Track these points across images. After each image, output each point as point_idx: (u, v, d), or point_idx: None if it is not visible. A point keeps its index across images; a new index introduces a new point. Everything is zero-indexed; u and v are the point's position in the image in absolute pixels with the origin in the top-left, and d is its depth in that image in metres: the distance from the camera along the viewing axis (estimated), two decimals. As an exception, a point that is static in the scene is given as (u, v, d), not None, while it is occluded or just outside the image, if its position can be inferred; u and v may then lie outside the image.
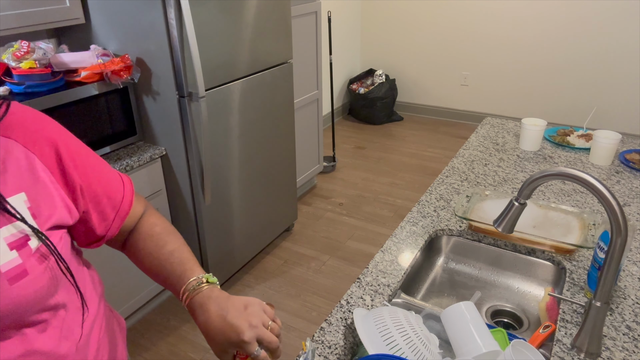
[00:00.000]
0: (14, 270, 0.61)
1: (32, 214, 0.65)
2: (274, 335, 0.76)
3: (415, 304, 1.16)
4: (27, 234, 0.63)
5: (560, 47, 4.19)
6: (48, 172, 0.68)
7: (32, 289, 0.63)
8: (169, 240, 0.84)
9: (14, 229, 0.62)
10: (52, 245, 0.66)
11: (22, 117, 0.68)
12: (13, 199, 0.63)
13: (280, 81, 2.58)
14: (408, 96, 5.10)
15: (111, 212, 0.79)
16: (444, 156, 4.14)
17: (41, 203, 0.66)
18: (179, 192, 2.24)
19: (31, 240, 0.64)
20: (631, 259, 1.26)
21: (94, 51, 2.00)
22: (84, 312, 0.75)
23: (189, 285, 0.78)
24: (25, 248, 0.63)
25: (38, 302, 0.65)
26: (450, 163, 1.86)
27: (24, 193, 0.64)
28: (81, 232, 0.78)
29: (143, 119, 2.18)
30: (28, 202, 0.65)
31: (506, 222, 1.02)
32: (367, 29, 5.05)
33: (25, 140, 0.66)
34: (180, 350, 2.19)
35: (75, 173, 0.71)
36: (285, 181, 2.82)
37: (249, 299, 0.78)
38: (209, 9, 2.01)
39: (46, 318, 0.68)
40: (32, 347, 0.66)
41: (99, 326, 0.80)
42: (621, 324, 1.05)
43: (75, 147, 0.74)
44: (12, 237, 0.62)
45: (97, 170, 0.78)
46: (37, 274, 0.63)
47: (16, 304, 0.62)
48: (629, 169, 1.77)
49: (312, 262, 2.78)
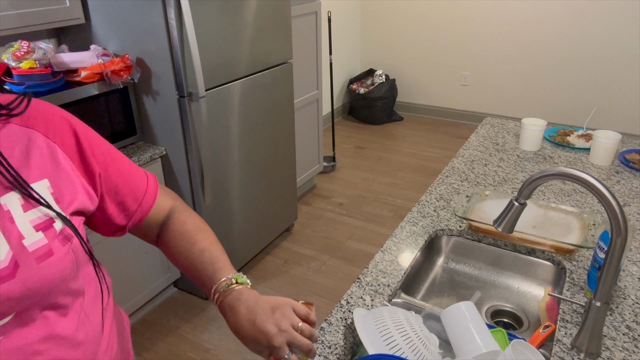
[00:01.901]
0: (41, 250, 0.64)
1: (55, 199, 0.68)
2: (304, 338, 0.75)
3: (415, 304, 1.16)
4: (51, 217, 0.67)
5: (560, 47, 4.19)
6: (69, 159, 0.71)
7: (57, 269, 0.66)
8: (199, 239, 0.85)
9: (40, 213, 0.66)
10: (74, 227, 0.69)
11: (43, 110, 0.71)
12: (37, 185, 0.66)
13: (280, 81, 2.58)
14: (408, 96, 5.10)
15: (133, 204, 0.81)
16: (444, 156, 4.14)
17: (63, 189, 0.69)
18: (179, 192, 2.24)
19: (55, 222, 0.67)
20: (631, 259, 1.26)
21: (94, 51, 2.00)
22: (103, 299, 0.78)
23: (219, 287, 0.79)
24: (50, 229, 0.66)
25: (62, 283, 0.67)
26: (450, 163, 1.86)
27: (47, 179, 0.68)
28: (100, 221, 0.80)
29: (143, 119, 2.18)
30: (51, 188, 0.68)
31: (506, 222, 1.02)
32: (367, 29, 5.05)
33: (46, 130, 0.70)
34: (180, 350, 2.19)
35: (94, 161, 0.74)
36: (285, 181, 2.82)
37: (279, 299, 0.78)
38: (209, 9, 2.01)
39: (67, 303, 0.70)
40: (54, 331, 0.67)
41: (110, 317, 0.82)
42: (621, 324, 1.05)
43: (94, 138, 0.77)
44: (38, 220, 0.65)
45: (117, 162, 0.80)
46: (61, 255, 0.66)
47: (42, 283, 0.64)
48: (629, 169, 1.77)
49: (312, 262, 2.78)
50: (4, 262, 0.62)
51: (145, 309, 2.40)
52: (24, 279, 0.62)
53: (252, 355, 2.15)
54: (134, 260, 2.16)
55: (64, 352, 0.69)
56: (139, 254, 2.19)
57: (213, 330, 2.29)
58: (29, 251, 0.63)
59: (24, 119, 0.68)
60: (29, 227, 0.64)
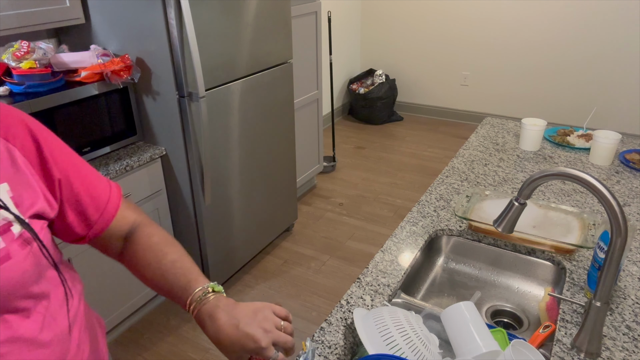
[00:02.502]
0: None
1: (14, 203, 0.67)
2: (288, 336, 0.77)
3: (415, 304, 1.16)
4: (9, 220, 0.66)
5: (560, 47, 4.19)
6: (28, 164, 0.70)
7: (15, 272, 0.65)
8: (169, 251, 0.84)
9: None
10: (33, 231, 0.68)
11: (5, 113, 0.70)
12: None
13: (280, 81, 2.58)
14: (408, 96, 5.10)
15: (94, 213, 0.80)
16: (444, 156, 4.14)
17: (23, 193, 0.68)
18: (179, 192, 2.24)
19: (13, 226, 0.66)
20: (631, 259, 1.26)
21: (94, 51, 2.00)
22: (68, 301, 0.77)
23: (195, 296, 0.78)
24: (7, 233, 0.65)
25: (22, 287, 0.67)
26: (450, 163, 1.86)
27: (6, 183, 0.67)
28: (60, 228, 0.79)
29: (143, 119, 2.17)
30: (11, 191, 0.67)
31: (506, 222, 1.02)
32: (367, 29, 5.05)
33: (5, 134, 0.68)
34: (180, 350, 2.19)
35: (55, 167, 0.74)
36: (285, 181, 2.82)
37: (257, 304, 0.79)
38: (209, 9, 2.01)
39: (29, 306, 0.69)
40: (16, 333, 0.67)
41: (80, 322, 0.81)
42: (621, 324, 1.05)
43: (56, 145, 0.76)
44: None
45: (80, 170, 0.79)
46: (20, 259, 0.66)
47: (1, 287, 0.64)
48: (629, 169, 1.77)
49: (312, 262, 2.78)
50: None
51: (145, 309, 2.40)
52: None
53: (252, 355, 2.14)
54: (134, 260, 2.16)
55: (29, 354, 0.69)
56: (139, 254, 2.18)
57: (213, 330, 2.29)
58: None
59: None
60: None
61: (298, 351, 1.02)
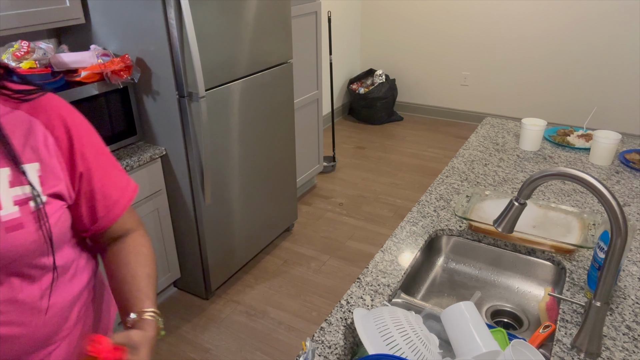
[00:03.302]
0: (12, 221, 0.72)
1: (40, 182, 0.76)
2: None
3: (415, 304, 1.16)
4: (31, 195, 0.74)
5: (560, 47, 4.19)
6: (59, 154, 0.79)
7: (24, 241, 0.73)
8: (150, 265, 0.91)
9: (23, 190, 0.74)
10: (44, 210, 0.75)
11: (51, 104, 0.80)
12: (28, 166, 0.75)
13: (280, 81, 2.58)
14: (408, 96, 5.10)
15: (102, 210, 0.86)
16: (444, 156, 4.14)
17: (50, 175, 0.77)
18: (179, 192, 2.24)
19: (33, 201, 0.74)
20: (631, 259, 1.26)
21: (94, 51, 2.00)
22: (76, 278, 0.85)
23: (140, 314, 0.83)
24: (25, 206, 0.74)
25: (27, 255, 0.74)
26: (450, 163, 1.86)
27: (38, 163, 0.76)
28: (73, 217, 0.85)
29: (143, 119, 2.17)
30: (40, 171, 0.76)
31: (506, 222, 1.02)
32: (367, 29, 5.05)
33: (47, 122, 0.78)
34: (180, 350, 2.19)
35: (81, 161, 0.81)
36: (285, 181, 2.82)
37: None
38: (209, 9, 2.01)
39: (35, 274, 0.77)
40: (16, 296, 0.75)
41: (85, 298, 0.89)
42: (621, 324, 1.05)
43: (87, 140, 0.83)
44: (19, 196, 0.73)
45: (101, 167, 0.85)
46: (31, 230, 0.73)
47: (8, 250, 0.71)
48: (629, 169, 1.77)
49: (312, 262, 2.78)
50: None
51: (145, 309, 2.40)
52: None
53: (252, 355, 2.15)
54: (134, 260, 2.16)
55: (24, 317, 0.76)
56: (139, 254, 2.19)
57: (213, 330, 2.29)
58: (2, 221, 0.71)
59: (32, 108, 0.77)
60: (10, 201, 0.72)
61: (298, 351, 1.02)
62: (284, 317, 2.36)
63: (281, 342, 2.21)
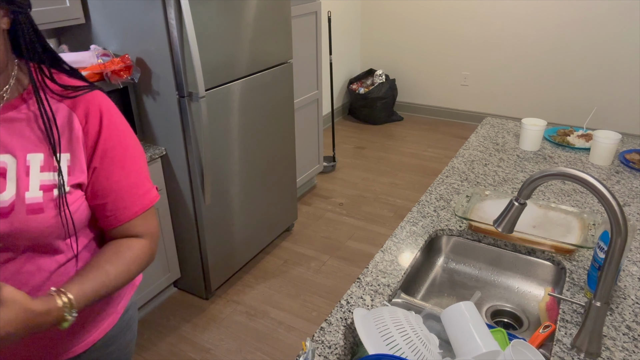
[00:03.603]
0: (34, 205, 0.79)
1: (68, 172, 0.83)
2: None
3: (415, 304, 1.16)
4: (57, 183, 0.81)
5: (560, 47, 4.19)
6: (86, 145, 0.85)
7: (41, 224, 0.79)
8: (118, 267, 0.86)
9: (51, 177, 0.81)
10: (65, 198, 0.82)
11: (92, 102, 0.86)
12: (62, 155, 0.82)
13: (280, 81, 2.58)
14: (408, 96, 5.10)
15: (111, 210, 0.89)
16: (444, 156, 4.14)
17: (77, 166, 0.84)
18: (179, 192, 2.24)
19: (57, 189, 0.81)
20: (631, 259, 1.26)
21: (94, 51, 2.00)
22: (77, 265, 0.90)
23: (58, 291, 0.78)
24: (49, 192, 0.80)
25: (44, 237, 0.81)
26: (450, 163, 1.86)
27: (69, 154, 0.83)
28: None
29: (143, 119, 2.17)
30: (70, 162, 0.83)
31: (506, 222, 1.02)
32: (367, 29, 5.05)
33: (84, 114, 0.84)
34: (180, 350, 2.19)
35: (99, 158, 0.86)
36: (285, 181, 2.82)
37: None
38: (209, 9, 2.01)
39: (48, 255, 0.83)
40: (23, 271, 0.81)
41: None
42: (621, 324, 1.05)
43: (114, 142, 0.87)
44: (46, 182, 0.80)
45: (118, 171, 0.88)
46: (49, 215, 0.80)
47: (25, 231, 0.78)
48: (629, 169, 1.77)
49: (312, 262, 2.78)
50: (5, 202, 0.77)
51: (145, 309, 2.40)
52: (11, 221, 0.77)
53: (252, 355, 2.15)
54: (134, 260, 2.16)
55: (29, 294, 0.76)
56: (139, 254, 2.18)
57: (213, 330, 2.29)
58: (25, 202, 0.78)
59: (73, 103, 0.84)
60: (37, 185, 0.79)
61: (298, 351, 1.02)
62: (284, 317, 2.36)
63: (281, 342, 2.21)
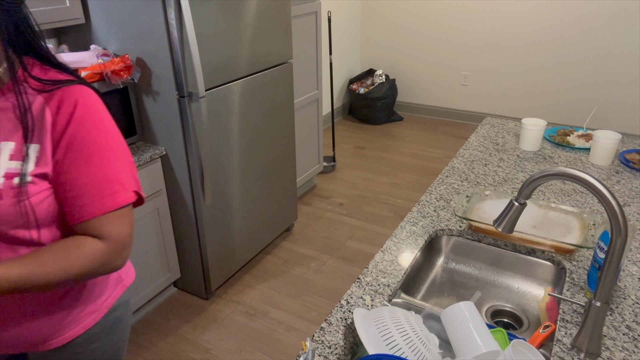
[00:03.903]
0: None
1: (36, 162, 0.83)
2: None
3: (415, 304, 1.16)
4: (19, 172, 0.82)
5: (560, 47, 4.19)
6: (52, 136, 0.84)
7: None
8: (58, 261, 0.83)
9: (17, 165, 0.82)
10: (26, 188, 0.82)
11: (73, 91, 0.86)
12: (32, 146, 0.83)
13: (280, 81, 2.58)
14: (408, 96, 5.10)
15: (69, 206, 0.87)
16: (444, 156, 4.14)
17: (43, 157, 0.84)
18: (179, 192, 2.24)
19: (19, 177, 0.82)
20: (631, 259, 1.26)
21: (94, 51, 2.00)
22: None
23: None
24: (10, 180, 0.81)
25: (3, 224, 0.81)
26: (450, 163, 1.86)
27: (39, 145, 0.84)
28: None
29: (143, 119, 2.17)
30: (38, 152, 0.84)
31: (506, 222, 1.02)
32: (367, 29, 5.05)
33: (56, 112, 0.84)
34: (180, 350, 2.19)
35: (63, 151, 0.85)
36: (285, 181, 2.82)
37: None
38: (209, 9, 2.01)
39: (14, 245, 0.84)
40: None
41: None
42: (621, 324, 1.05)
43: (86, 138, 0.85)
44: (12, 170, 0.82)
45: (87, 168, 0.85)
46: (8, 203, 0.81)
47: None
48: (629, 169, 1.77)
49: (312, 262, 2.78)
50: None
51: (145, 309, 2.40)
52: None
53: (252, 355, 2.15)
54: (134, 260, 2.16)
55: None
56: (139, 254, 2.19)
57: (213, 330, 2.29)
58: None
59: (50, 95, 0.85)
60: (2, 172, 0.81)
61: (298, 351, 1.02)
62: (284, 317, 2.36)
63: (281, 342, 2.21)
